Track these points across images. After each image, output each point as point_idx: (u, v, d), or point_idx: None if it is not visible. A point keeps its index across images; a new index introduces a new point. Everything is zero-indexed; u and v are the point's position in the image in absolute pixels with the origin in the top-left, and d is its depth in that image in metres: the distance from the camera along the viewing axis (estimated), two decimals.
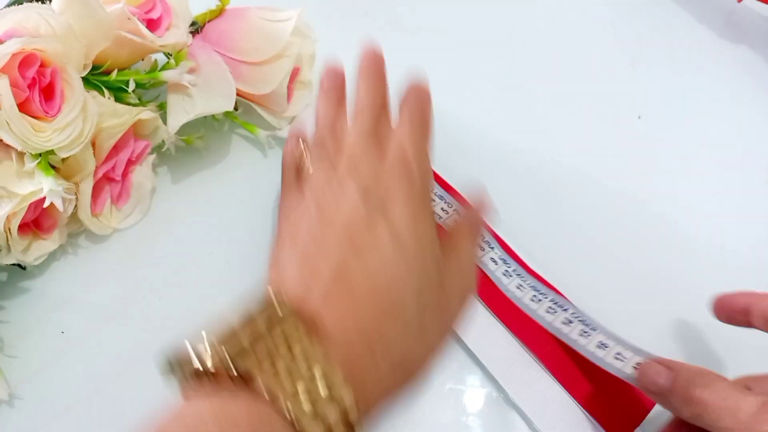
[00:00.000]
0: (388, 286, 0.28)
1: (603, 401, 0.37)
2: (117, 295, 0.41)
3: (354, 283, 0.28)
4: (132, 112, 0.41)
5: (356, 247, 0.28)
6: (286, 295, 0.27)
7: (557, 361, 0.38)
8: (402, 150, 0.32)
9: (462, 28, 0.56)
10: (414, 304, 0.28)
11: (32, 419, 0.37)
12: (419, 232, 0.30)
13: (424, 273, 0.29)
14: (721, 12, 0.57)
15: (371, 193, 0.30)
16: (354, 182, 0.31)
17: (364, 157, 0.32)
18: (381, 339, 0.27)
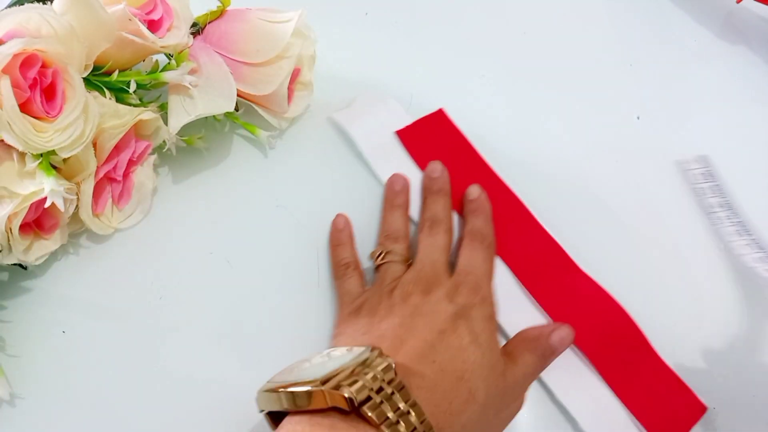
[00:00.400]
0: (464, 370, 0.33)
1: (651, 406, 0.37)
2: (118, 294, 0.41)
3: (438, 359, 0.33)
4: (133, 112, 0.41)
5: (443, 335, 0.34)
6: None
7: (606, 361, 0.38)
8: (472, 267, 0.38)
9: (461, 29, 0.56)
10: (483, 393, 0.33)
11: (33, 418, 0.37)
12: (491, 335, 0.35)
13: (493, 368, 0.34)
14: (720, 13, 0.57)
15: (454, 298, 0.36)
16: (440, 290, 0.37)
17: (443, 270, 0.39)
18: (457, 415, 0.31)
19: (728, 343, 0.40)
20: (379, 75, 0.51)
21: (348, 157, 0.48)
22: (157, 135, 0.44)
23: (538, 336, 0.36)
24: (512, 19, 0.57)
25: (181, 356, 0.39)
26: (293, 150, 0.48)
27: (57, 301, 0.41)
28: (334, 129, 0.49)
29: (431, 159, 0.46)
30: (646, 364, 0.38)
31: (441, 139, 0.47)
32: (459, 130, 0.48)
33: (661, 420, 0.36)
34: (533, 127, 0.50)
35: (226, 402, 0.38)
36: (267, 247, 0.43)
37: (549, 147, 0.49)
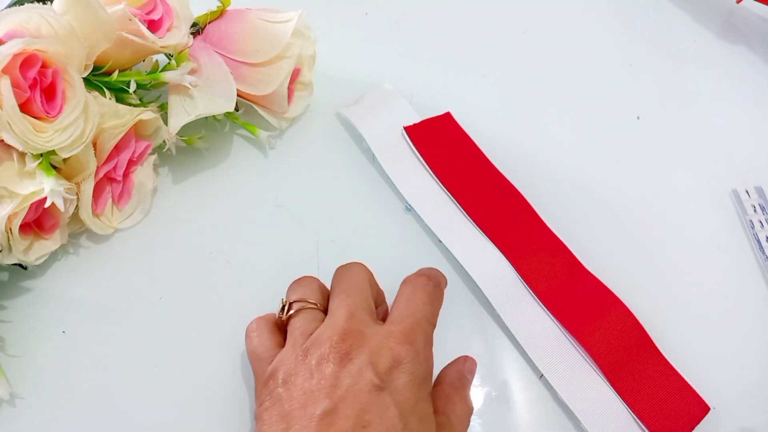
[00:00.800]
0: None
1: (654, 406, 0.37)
2: (118, 294, 0.41)
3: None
4: (133, 112, 0.41)
5: (367, 426, 0.29)
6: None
7: (609, 360, 0.38)
8: (410, 312, 0.34)
9: (461, 29, 0.56)
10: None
11: (33, 418, 0.37)
12: (421, 404, 0.31)
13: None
14: (720, 13, 0.57)
15: (378, 363, 0.31)
16: (362, 352, 0.31)
17: (367, 317, 0.33)
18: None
19: (731, 342, 0.40)
20: (379, 75, 0.51)
21: (348, 157, 0.48)
22: (157, 135, 0.44)
23: (460, 377, 0.35)
24: (512, 19, 0.57)
25: (180, 356, 0.39)
26: (293, 150, 0.48)
27: (57, 301, 0.41)
28: (335, 129, 0.49)
29: (438, 156, 0.46)
30: (649, 364, 0.38)
31: (448, 138, 0.48)
32: (465, 133, 0.48)
33: (664, 419, 0.36)
34: (533, 127, 0.50)
35: (225, 402, 0.38)
36: (267, 247, 0.43)
37: (548, 147, 0.49)
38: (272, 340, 0.34)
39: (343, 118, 0.49)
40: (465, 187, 0.45)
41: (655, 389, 0.37)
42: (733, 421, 0.37)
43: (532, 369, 0.39)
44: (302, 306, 0.34)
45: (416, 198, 0.45)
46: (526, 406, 0.38)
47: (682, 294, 0.42)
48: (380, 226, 0.45)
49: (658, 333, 0.39)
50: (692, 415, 0.36)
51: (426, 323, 0.34)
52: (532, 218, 0.44)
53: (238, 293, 0.41)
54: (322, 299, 0.35)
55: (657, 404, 0.37)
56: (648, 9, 0.58)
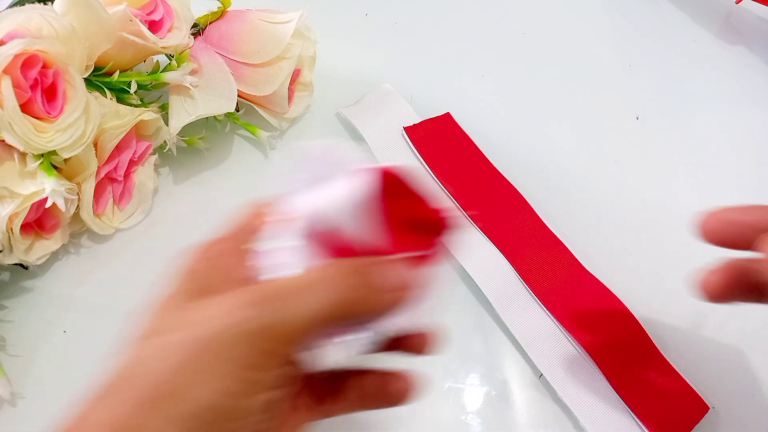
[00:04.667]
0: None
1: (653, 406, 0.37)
2: (119, 294, 0.41)
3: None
4: (134, 112, 0.41)
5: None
6: None
7: (608, 360, 0.38)
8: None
9: (461, 30, 0.56)
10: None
11: (34, 418, 0.37)
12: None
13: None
14: (719, 13, 0.57)
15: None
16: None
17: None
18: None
19: (730, 342, 0.40)
20: (379, 76, 0.51)
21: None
22: (157, 135, 0.44)
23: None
24: (512, 19, 0.57)
25: None
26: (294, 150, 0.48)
27: (58, 300, 0.41)
28: (335, 129, 0.49)
29: (438, 157, 0.46)
30: (649, 364, 0.38)
31: (448, 139, 0.48)
32: (465, 133, 0.48)
33: (663, 419, 0.36)
34: (532, 127, 0.50)
35: None
36: None
37: (548, 147, 0.49)
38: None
39: (343, 118, 0.49)
40: (465, 187, 0.45)
41: (654, 389, 0.37)
42: (732, 421, 0.37)
43: (532, 369, 0.39)
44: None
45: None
46: (526, 406, 0.38)
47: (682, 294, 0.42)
48: None
49: (658, 333, 0.39)
50: (691, 414, 0.36)
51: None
52: (532, 218, 0.44)
53: None
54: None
55: (656, 404, 0.37)
56: (647, 10, 0.58)
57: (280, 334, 0.22)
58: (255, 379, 0.22)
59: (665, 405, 0.36)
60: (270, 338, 0.22)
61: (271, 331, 0.22)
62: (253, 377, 0.22)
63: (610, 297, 0.40)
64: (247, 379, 0.22)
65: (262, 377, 0.22)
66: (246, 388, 0.22)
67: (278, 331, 0.22)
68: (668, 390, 0.37)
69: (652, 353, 0.38)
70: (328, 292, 0.23)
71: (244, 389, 0.22)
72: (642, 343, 0.39)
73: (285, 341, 0.23)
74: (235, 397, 0.22)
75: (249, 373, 0.22)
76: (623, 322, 0.39)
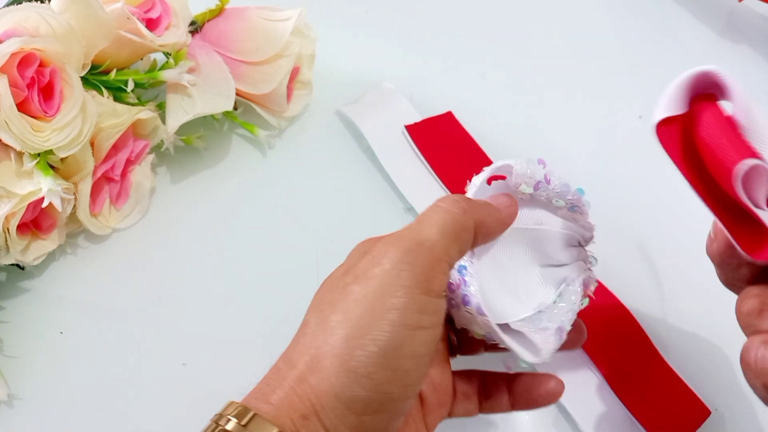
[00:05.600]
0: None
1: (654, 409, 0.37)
2: (116, 295, 0.41)
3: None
4: (131, 111, 0.41)
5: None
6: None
7: (609, 364, 0.38)
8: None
9: (462, 29, 0.56)
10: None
11: (31, 419, 0.37)
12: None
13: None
14: (722, 12, 0.57)
15: None
16: None
17: None
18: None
19: (732, 346, 0.40)
20: (379, 74, 0.51)
21: (348, 157, 0.47)
22: (155, 134, 0.44)
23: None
24: (513, 18, 0.56)
25: (179, 357, 0.39)
26: (292, 149, 0.48)
27: (55, 301, 0.41)
28: (334, 128, 0.49)
29: (439, 155, 0.46)
30: (650, 367, 0.38)
31: (449, 137, 0.47)
32: (467, 132, 0.48)
33: (664, 423, 0.36)
34: (534, 126, 0.50)
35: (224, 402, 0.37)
36: (266, 247, 0.43)
37: (549, 146, 0.49)
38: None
39: (343, 116, 0.49)
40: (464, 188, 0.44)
41: (655, 392, 0.37)
42: (733, 425, 0.37)
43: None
44: None
45: (417, 197, 0.45)
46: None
47: (683, 296, 0.42)
48: (380, 226, 0.44)
49: (659, 336, 0.39)
50: (693, 418, 0.36)
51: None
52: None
53: (237, 293, 0.41)
54: None
55: (657, 407, 0.36)
56: (650, 8, 0.57)
57: (421, 252, 0.26)
58: (418, 303, 0.26)
59: (666, 409, 0.36)
60: (414, 260, 0.26)
61: (413, 254, 0.26)
62: (416, 300, 0.25)
63: (612, 300, 0.40)
64: (413, 304, 0.25)
65: (424, 301, 0.26)
66: (414, 316, 0.25)
67: (419, 251, 0.26)
68: (669, 394, 0.37)
69: (653, 357, 0.38)
70: (442, 211, 0.28)
71: (413, 318, 0.25)
72: (643, 346, 0.39)
73: (429, 257, 0.26)
74: (409, 328, 0.25)
75: (412, 297, 0.25)
76: (624, 325, 0.39)
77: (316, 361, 0.25)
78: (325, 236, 0.44)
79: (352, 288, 0.26)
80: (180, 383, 0.38)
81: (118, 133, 0.40)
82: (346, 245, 0.43)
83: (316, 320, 0.26)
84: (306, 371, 0.25)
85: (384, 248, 0.27)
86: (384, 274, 0.26)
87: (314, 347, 0.25)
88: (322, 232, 0.44)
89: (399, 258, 0.26)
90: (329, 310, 0.26)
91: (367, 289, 0.26)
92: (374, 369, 0.24)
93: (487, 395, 0.33)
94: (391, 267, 0.26)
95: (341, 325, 0.25)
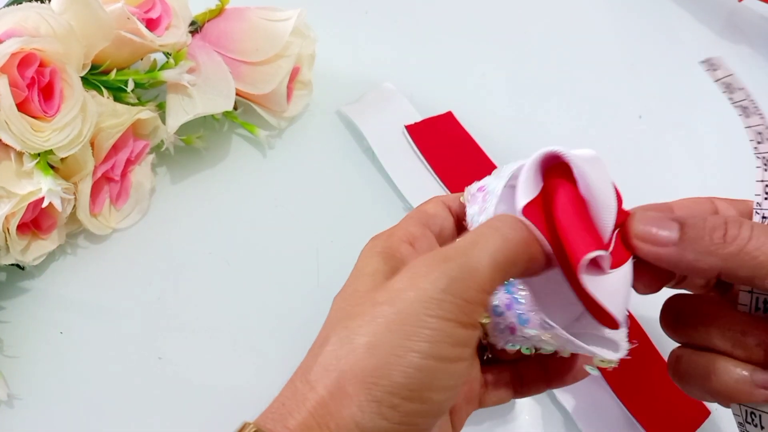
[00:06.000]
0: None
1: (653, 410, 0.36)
2: (116, 295, 0.41)
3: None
4: (131, 111, 0.41)
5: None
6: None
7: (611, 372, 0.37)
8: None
9: (462, 29, 0.56)
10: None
11: (31, 419, 0.37)
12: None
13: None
14: (722, 12, 0.57)
15: None
16: None
17: None
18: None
19: None
20: (379, 74, 0.51)
21: (348, 157, 0.47)
22: (155, 134, 0.44)
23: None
24: (513, 18, 0.56)
25: (179, 357, 0.39)
26: (292, 149, 0.48)
27: (55, 301, 0.40)
28: (334, 128, 0.49)
29: (440, 156, 0.46)
30: (650, 367, 0.38)
31: (450, 137, 0.47)
32: (467, 132, 0.48)
33: (664, 423, 0.36)
34: (534, 126, 0.50)
35: (223, 402, 0.37)
36: (266, 247, 0.43)
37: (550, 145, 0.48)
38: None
39: (343, 116, 0.49)
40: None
41: (655, 392, 0.37)
42: (733, 425, 0.37)
43: None
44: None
45: (417, 197, 0.45)
46: (526, 408, 0.38)
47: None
48: (380, 226, 0.44)
49: (659, 336, 0.39)
50: (692, 418, 0.36)
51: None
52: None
53: (236, 293, 0.41)
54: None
55: (657, 407, 0.36)
56: (650, 8, 0.57)
57: (467, 282, 0.24)
58: (453, 336, 0.23)
59: (666, 409, 0.36)
60: (458, 290, 0.23)
61: (458, 283, 0.23)
62: (451, 333, 0.23)
63: None
64: (447, 337, 0.23)
65: (459, 334, 0.24)
66: (447, 349, 0.23)
67: (465, 281, 0.24)
68: (669, 394, 0.37)
69: (653, 357, 0.38)
70: (501, 237, 0.25)
71: (446, 351, 0.23)
72: (643, 345, 0.38)
73: (474, 288, 0.24)
74: (442, 361, 0.23)
75: (447, 329, 0.23)
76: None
77: (337, 386, 0.23)
78: (325, 236, 0.44)
79: (383, 309, 0.24)
80: (180, 383, 0.38)
81: (118, 133, 0.40)
82: (346, 245, 0.43)
83: (338, 338, 0.24)
84: (326, 396, 0.23)
85: (426, 269, 0.24)
86: (422, 299, 0.23)
87: (337, 369, 0.24)
88: (322, 232, 0.44)
89: (443, 286, 0.23)
90: (355, 328, 0.24)
91: (400, 312, 0.23)
92: (400, 401, 0.23)
93: (521, 379, 0.31)
94: (432, 294, 0.23)
95: (368, 350, 0.23)
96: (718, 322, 0.27)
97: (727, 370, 0.27)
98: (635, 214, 0.29)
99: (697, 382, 0.28)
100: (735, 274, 0.26)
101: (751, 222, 0.27)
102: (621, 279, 0.27)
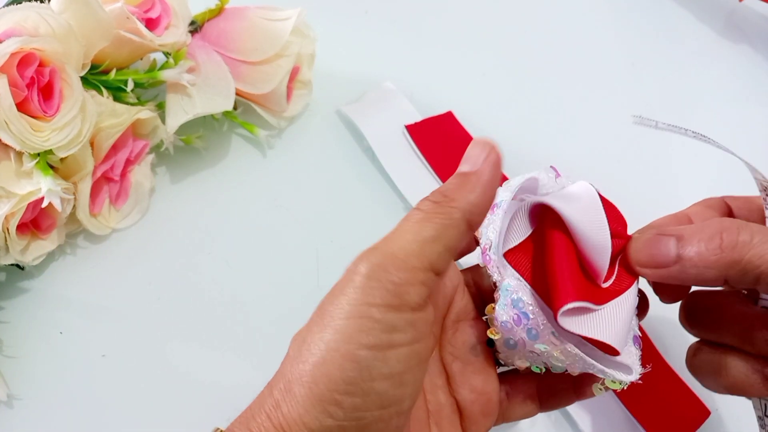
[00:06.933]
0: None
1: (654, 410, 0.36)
2: (115, 295, 0.41)
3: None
4: (131, 111, 0.41)
5: None
6: None
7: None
8: None
9: (462, 28, 0.56)
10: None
11: (30, 419, 0.37)
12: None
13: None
14: (722, 12, 0.57)
15: None
16: None
17: None
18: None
19: None
20: (379, 73, 0.51)
21: (348, 156, 0.47)
22: (154, 134, 0.44)
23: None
24: (513, 17, 0.56)
25: (178, 357, 0.39)
26: (292, 149, 0.48)
27: (54, 301, 0.40)
28: (334, 128, 0.49)
29: (440, 155, 0.46)
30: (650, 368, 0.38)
31: (450, 137, 0.47)
32: (467, 131, 0.48)
33: (664, 423, 0.36)
34: (534, 125, 0.50)
35: (223, 402, 0.37)
36: (266, 247, 0.43)
37: (549, 145, 0.49)
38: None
39: (343, 116, 0.49)
40: None
41: (655, 393, 0.37)
42: (733, 425, 0.37)
43: None
44: None
45: (417, 197, 0.45)
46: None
47: None
48: (380, 225, 0.44)
49: (659, 336, 0.39)
50: (693, 418, 0.36)
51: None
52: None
53: (236, 293, 0.41)
54: None
55: (657, 408, 0.36)
56: (650, 8, 0.57)
57: (389, 265, 0.24)
58: (383, 321, 0.23)
59: (666, 409, 0.36)
60: (381, 274, 0.24)
61: (380, 268, 0.24)
62: (380, 318, 0.23)
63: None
64: (376, 323, 0.23)
65: (390, 319, 0.24)
66: (378, 336, 0.23)
67: (387, 264, 0.24)
68: (669, 394, 0.37)
69: (653, 357, 0.38)
70: (422, 214, 0.26)
71: (377, 338, 0.23)
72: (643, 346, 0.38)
73: (399, 268, 0.24)
74: (376, 349, 0.23)
75: (376, 315, 0.23)
76: None
77: (287, 389, 0.24)
78: (325, 236, 0.43)
79: (327, 308, 0.25)
80: (180, 383, 0.38)
81: (117, 133, 0.40)
82: (346, 245, 0.43)
83: (296, 344, 0.25)
84: (280, 398, 0.24)
85: (357, 262, 0.25)
86: (355, 292, 0.24)
87: (289, 373, 0.24)
88: (322, 232, 0.44)
89: (369, 273, 0.24)
90: (306, 332, 0.25)
91: (339, 309, 0.24)
92: (342, 396, 0.23)
93: (549, 390, 0.30)
94: (361, 284, 0.24)
95: (312, 350, 0.24)
96: (730, 319, 0.28)
97: (737, 365, 0.28)
98: (633, 241, 0.29)
99: (711, 377, 0.29)
100: (740, 281, 0.26)
101: (752, 226, 0.27)
102: (623, 304, 0.27)
